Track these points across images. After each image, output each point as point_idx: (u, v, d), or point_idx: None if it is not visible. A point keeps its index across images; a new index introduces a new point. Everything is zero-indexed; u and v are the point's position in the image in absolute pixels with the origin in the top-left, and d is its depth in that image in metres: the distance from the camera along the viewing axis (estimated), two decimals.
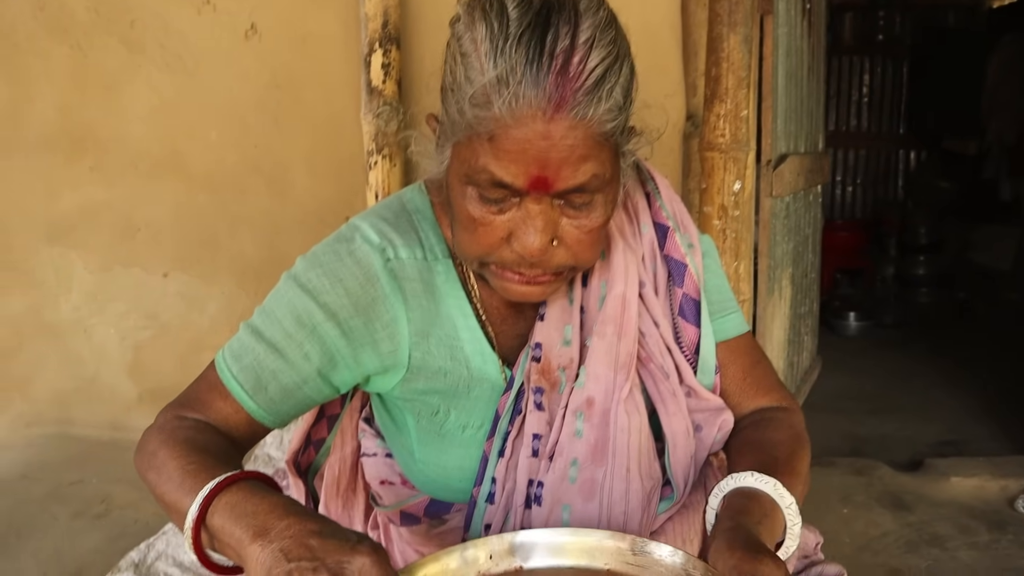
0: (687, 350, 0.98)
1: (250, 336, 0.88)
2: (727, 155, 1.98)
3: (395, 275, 0.89)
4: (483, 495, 0.93)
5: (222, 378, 0.88)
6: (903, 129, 6.34)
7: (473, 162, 0.78)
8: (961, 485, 2.44)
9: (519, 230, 0.80)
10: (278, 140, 2.27)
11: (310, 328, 0.86)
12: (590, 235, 0.83)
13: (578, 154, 0.76)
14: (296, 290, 0.88)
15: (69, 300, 2.47)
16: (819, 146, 3.23)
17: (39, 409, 2.62)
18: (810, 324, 3.28)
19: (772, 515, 0.80)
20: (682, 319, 0.98)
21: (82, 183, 2.37)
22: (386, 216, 0.94)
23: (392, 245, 0.90)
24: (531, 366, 0.93)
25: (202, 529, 0.73)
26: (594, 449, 0.91)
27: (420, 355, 0.91)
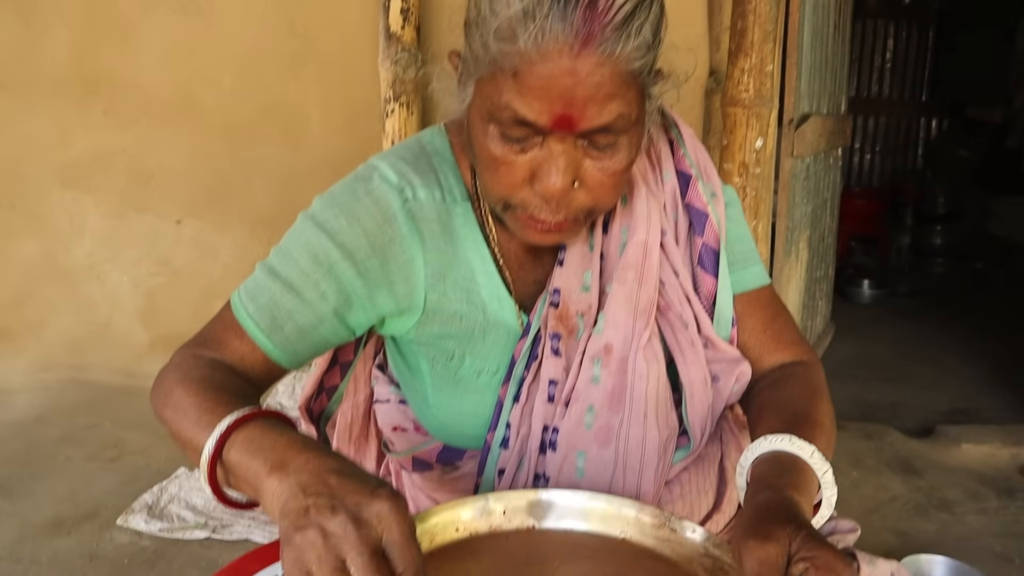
0: (705, 300, 0.96)
1: (266, 275, 0.87)
2: (750, 111, 1.94)
3: (413, 215, 0.87)
4: (497, 440, 0.93)
5: (238, 317, 0.86)
6: (925, 96, 6.22)
7: (496, 99, 0.76)
8: (972, 452, 2.43)
9: (541, 170, 0.78)
10: (293, 87, 2.24)
11: (327, 267, 0.85)
12: (612, 178, 0.81)
13: (604, 92, 0.74)
14: (313, 229, 0.86)
15: (82, 245, 2.47)
16: (842, 108, 3.17)
17: (53, 354, 2.64)
18: (825, 289, 3.25)
19: (808, 483, 0.75)
20: (701, 269, 0.96)
21: (95, 127, 2.35)
22: (405, 156, 0.92)
23: (411, 185, 0.88)
24: (549, 311, 0.91)
25: (218, 465, 0.72)
26: (611, 396, 0.90)
27: (436, 297, 0.90)
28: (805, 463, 0.76)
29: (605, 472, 0.90)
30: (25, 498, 2.11)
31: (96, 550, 1.89)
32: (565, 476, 0.90)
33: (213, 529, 1.92)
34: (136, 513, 1.98)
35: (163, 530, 1.92)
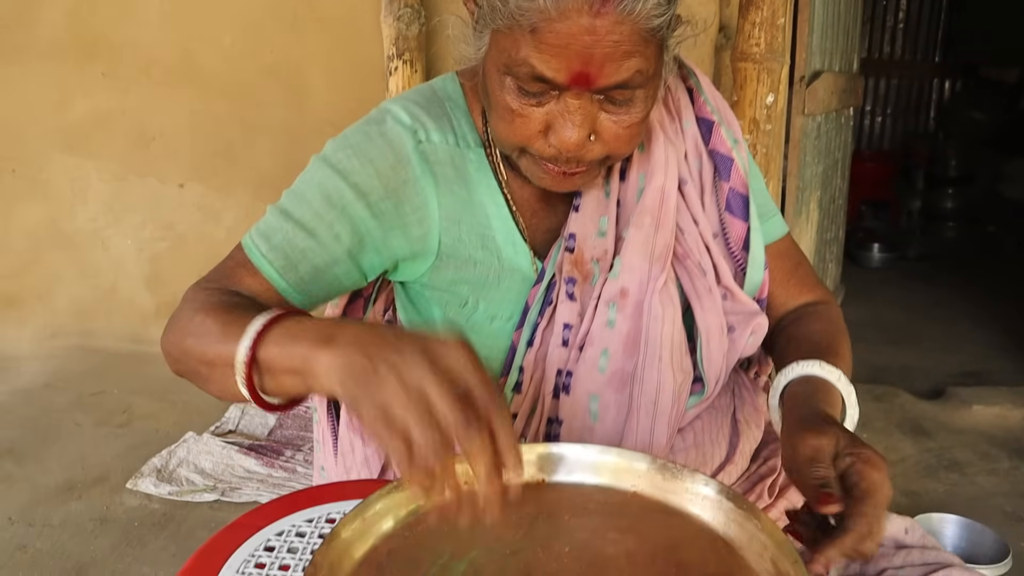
0: (734, 246, 0.96)
1: (279, 217, 0.86)
2: (761, 66, 1.90)
3: (426, 158, 0.87)
4: (510, 385, 0.93)
5: (251, 258, 0.85)
6: (939, 57, 6.10)
7: (513, 53, 0.75)
8: (983, 413, 2.42)
9: (557, 123, 0.78)
10: (295, 46, 2.20)
11: (340, 208, 0.84)
12: (628, 130, 0.81)
13: (623, 50, 0.74)
14: (326, 170, 0.86)
15: (85, 210, 2.45)
16: (854, 67, 3.10)
17: (60, 321, 2.64)
18: (835, 252, 3.21)
19: (835, 402, 0.83)
20: (729, 214, 0.96)
21: (95, 90, 2.32)
22: (418, 100, 0.91)
23: (424, 128, 0.88)
24: (564, 256, 0.91)
25: (253, 371, 0.68)
26: (626, 340, 0.90)
27: (450, 242, 0.89)
28: (833, 385, 0.83)
29: (619, 416, 0.90)
30: (36, 463, 2.13)
31: (106, 513, 1.90)
32: (579, 420, 0.90)
33: (222, 492, 1.92)
34: (145, 477, 1.99)
35: (172, 493, 1.93)
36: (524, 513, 0.73)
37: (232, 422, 2.26)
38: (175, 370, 0.81)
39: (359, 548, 0.68)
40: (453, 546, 0.69)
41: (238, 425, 2.25)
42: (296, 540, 0.79)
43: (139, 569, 1.70)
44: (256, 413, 2.30)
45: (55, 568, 1.71)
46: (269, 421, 2.24)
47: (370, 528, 0.69)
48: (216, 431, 2.21)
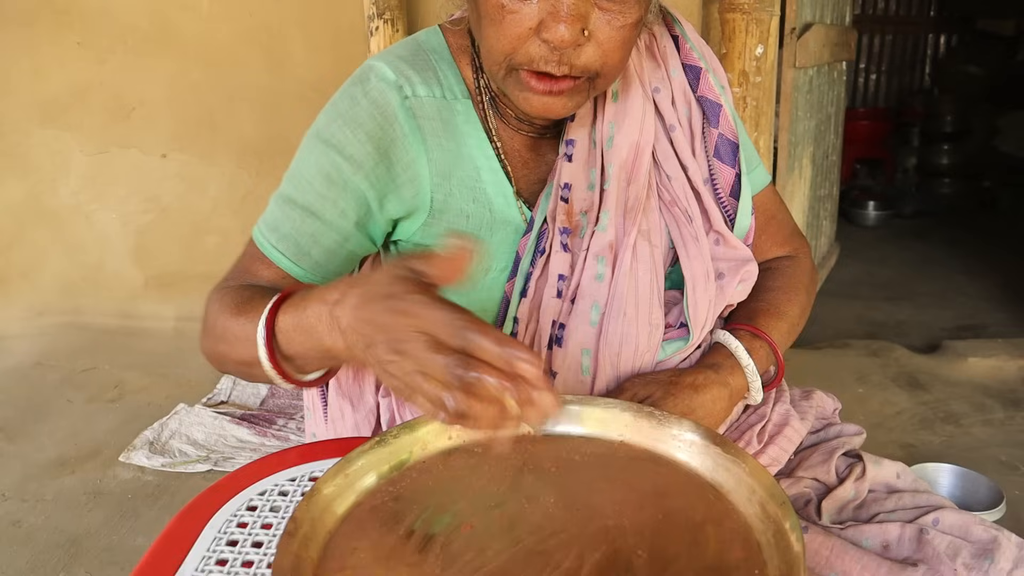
0: (722, 192, 0.95)
1: (284, 204, 0.87)
2: (749, 16, 1.85)
3: (413, 113, 0.86)
4: None
5: (263, 251, 0.87)
6: (934, 11, 6.01)
7: None
8: (978, 365, 2.41)
9: (549, 17, 0.76)
10: (274, 9, 2.14)
11: (341, 184, 0.85)
12: (622, 32, 0.79)
13: None
14: (321, 147, 0.85)
15: (67, 185, 2.41)
16: (846, 19, 3.05)
17: (48, 298, 2.61)
18: (829, 208, 3.19)
19: (731, 367, 0.90)
20: (717, 160, 0.95)
21: (70, 60, 2.26)
22: (402, 55, 0.90)
23: (409, 82, 0.86)
24: (559, 206, 0.91)
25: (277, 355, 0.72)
26: (612, 293, 0.90)
27: (442, 197, 0.88)
28: (731, 352, 0.91)
29: (606, 368, 0.89)
30: (28, 440, 2.11)
31: (100, 486, 1.89)
32: (571, 373, 0.90)
33: (215, 462, 1.91)
34: (138, 449, 1.98)
35: (165, 465, 1.92)
36: (509, 465, 0.71)
37: (224, 393, 2.25)
38: (223, 372, 0.87)
39: (341, 504, 0.66)
40: (436, 499, 0.67)
41: (230, 396, 2.24)
42: (279, 499, 0.78)
43: (133, 540, 1.70)
44: (247, 384, 2.29)
45: (49, 542, 1.71)
46: (261, 391, 2.23)
47: (352, 484, 0.68)
48: (208, 402, 2.20)
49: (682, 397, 0.84)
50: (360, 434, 1.10)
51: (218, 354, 0.81)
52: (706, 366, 0.90)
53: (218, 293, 0.85)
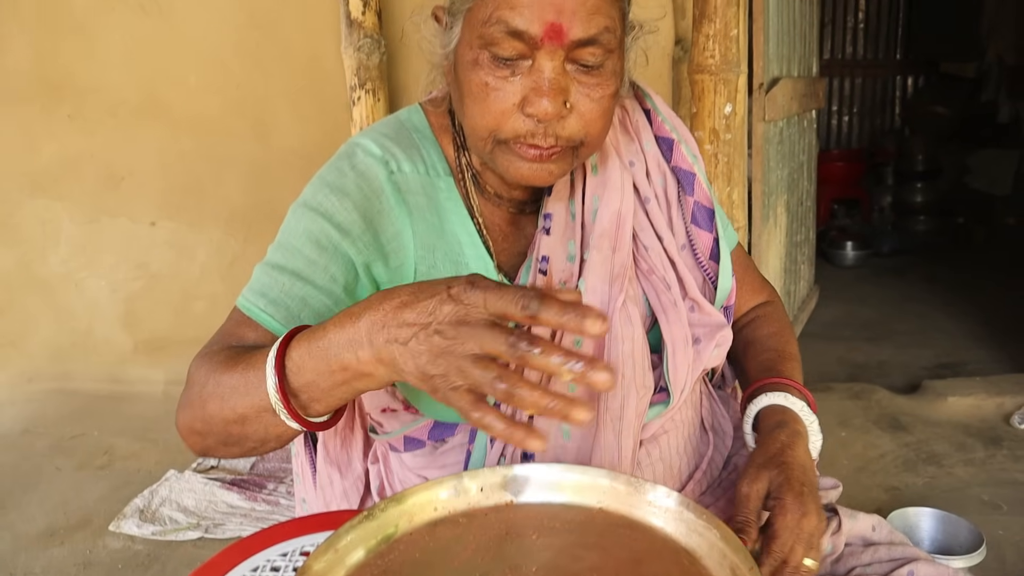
0: (702, 256, 1.00)
1: (272, 271, 0.86)
2: (717, 77, 1.93)
3: (399, 188, 0.89)
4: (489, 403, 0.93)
5: (252, 316, 0.85)
6: (900, 54, 6.21)
7: (486, 18, 0.79)
8: (958, 405, 2.45)
9: (532, 93, 0.80)
10: (259, 81, 2.21)
11: (331, 250, 0.86)
12: (601, 104, 0.83)
13: (591, 4, 0.78)
14: (309, 215, 0.87)
15: (57, 253, 2.44)
16: (813, 70, 3.16)
17: (37, 365, 2.62)
18: (807, 253, 3.26)
19: (799, 431, 0.92)
20: (695, 227, 1.00)
21: (61, 132, 2.32)
22: (386, 132, 0.94)
23: (395, 158, 0.90)
24: (537, 279, 0.93)
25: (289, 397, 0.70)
26: (608, 357, 0.92)
27: (426, 269, 0.91)
28: (797, 415, 0.93)
29: (588, 433, 0.92)
30: (16, 510, 2.11)
31: (90, 557, 1.89)
32: (552, 438, 0.92)
33: (205, 529, 1.91)
34: (128, 518, 1.98)
35: (156, 533, 1.92)
36: (492, 535, 0.74)
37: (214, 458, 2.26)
38: (200, 448, 0.80)
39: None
40: (424, 572, 0.70)
41: (220, 461, 2.24)
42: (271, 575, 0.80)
43: None
44: None
45: None
46: None
47: (342, 559, 0.70)
48: (198, 468, 2.20)
49: (795, 468, 0.84)
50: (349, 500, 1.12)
51: (205, 417, 0.77)
52: (775, 427, 0.91)
53: (203, 357, 0.82)
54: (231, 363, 0.76)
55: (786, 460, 0.85)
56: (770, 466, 0.84)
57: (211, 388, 0.76)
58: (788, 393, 0.94)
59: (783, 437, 0.88)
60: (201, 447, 0.80)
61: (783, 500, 0.81)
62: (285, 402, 0.70)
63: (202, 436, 0.78)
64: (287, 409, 0.70)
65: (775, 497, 0.82)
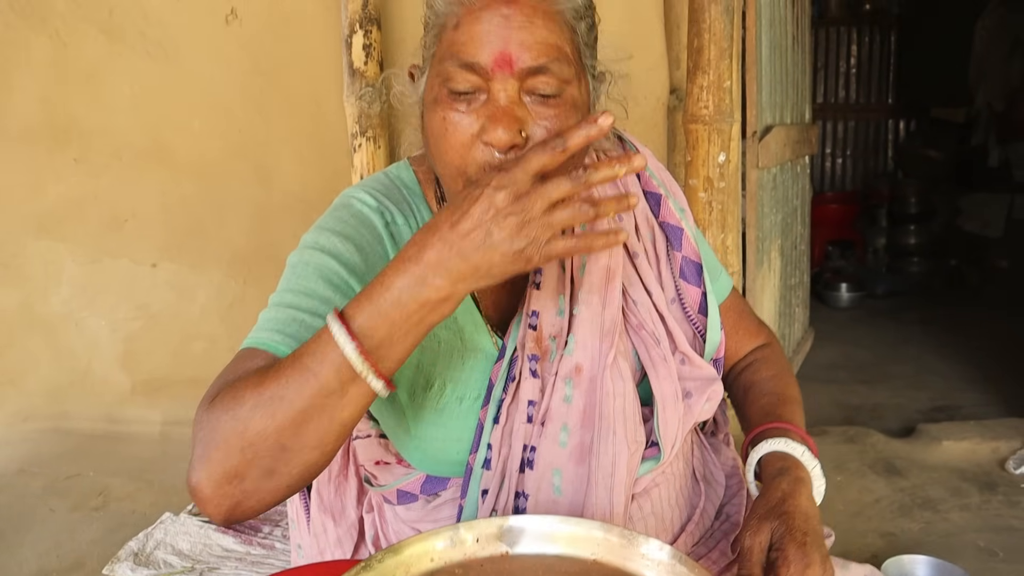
0: (691, 311, 1.02)
1: (287, 309, 0.84)
2: (711, 127, 1.98)
3: (394, 238, 0.92)
4: (479, 462, 0.94)
5: (266, 348, 0.80)
6: (892, 99, 6.32)
7: (443, 55, 0.84)
8: (953, 449, 2.46)
9: (488, 121, 0.82)
10: (262, 126, 2.26)
11: (344, 289, 0.86)
12: None
13: (539, 33, 0.82)
14: (317, 255, 0.88)
15: (59, 293, 2.47)
16: (806, 117, 3.23)
17: (34, 403, 2.62)
18: (801, 296, 3.29)
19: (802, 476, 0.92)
20: (684, 281, 1.02)
21: (67, 175, 2.36)
22: (377, 187, 0.96)
23: (389, 211, 0.93)
24: (527, 333, 0.94)
25: None
26: (583, 415, 0.93)
27: None
28: (799, 461, 0.93)
29: (580, 488, 0.92)
30: (8, 552, 2.09)
31: None
32: (543, 494, 0.92)
33: (200, 573, 1.90)
34: (122, 561, 1.96)
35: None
36: None
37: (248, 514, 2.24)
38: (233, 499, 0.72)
39: None
40: None
41: None
42: None
43: None
44: None
45: None
46: None
47: None
48: (193, 510, 2.19)
49: (797, 517, 0.85)
50: (343, 548, 1.12)
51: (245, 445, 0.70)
52: (776, 474, 0.91)
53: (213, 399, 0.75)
54: (262, 378, 0.72)
55: (787, 510, 0.85)
56: (772, 517, 0.85)
57: (247, 411, 0.71)
58: (788, 438, 0.95)
59: (785, 485, 0.89)
60: (234, 498, 0.72)
61: (785, 552, 0.81)
62: (372, 363, 0.70)
63: (240, 478, 0.71)
64: (375, 368, 0.71)
65: (777, 548, 0.82)
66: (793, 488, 0.88)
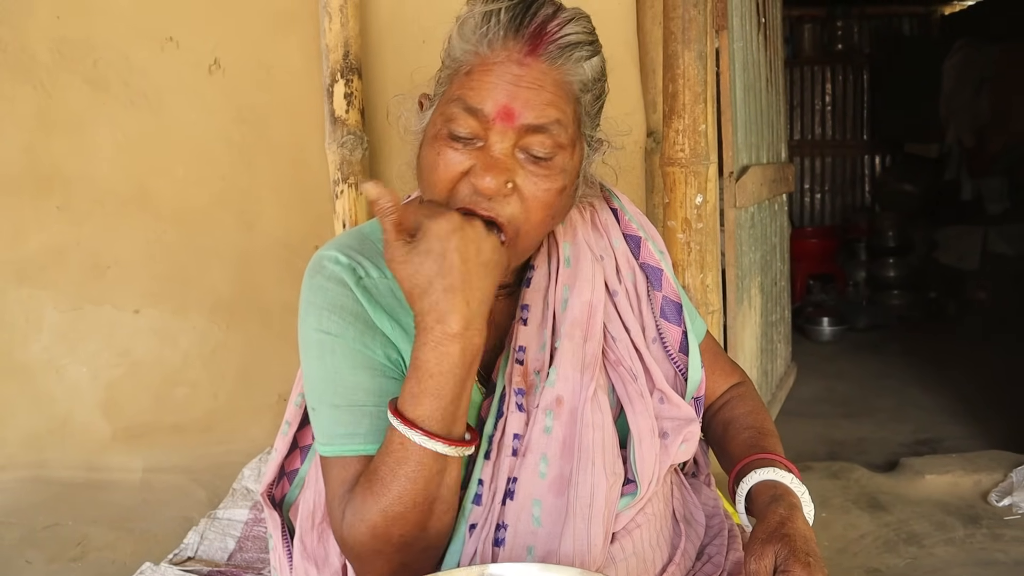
0: (671, 349, 1.04)
1: (349, 411, 0.92)
2: (688, 169, 2.02)
3: (368, 292, 0.94)
4: (469, 497, 0.95)
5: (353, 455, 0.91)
6: (867, 135, 6.47)
7: (450, 95, 0.87)
8: (936, 482, 2.47)
9: (478, 165, 0.86)
10: (245, 173, 2.28)
11: (370, 366, 0.92)
12: (546, 195, 0.89)
13: (545, 96, 0.85)
14: (329, 342, 0.93)
15: (39, 340, 2.45)
16: (782, 156, 3.30)
17: (11, 452, 2.59)
18: (782, 331, 3.32)
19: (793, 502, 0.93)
20: (664, 320, 1.05)
21: (49, 223, 2.36)
22: (350, 244, 0.99)
23: (361, 266, 0.96)
24: (514, 368, 0.97)
25: None
26: (562, 446, 0.94)
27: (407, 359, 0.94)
28: (789, 488, 0.95)
29: (558, 520, 0.93)
30: None
31: None
32: (523, 525, 0.93)
33: None
34: None
35: None
36: None
37: (191, 548, 2.21)
38: None
39: None
40: None
41: (197, 551, 2.20)
42: None
43: None
44: (215, 537, 2.26)
45: None
46: (228, 545, 2.20)
47: None
48: (174, 559, 2.16)
49: (798, 539, 0.87)
50: None
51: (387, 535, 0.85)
52: (770, 501, 0.93)
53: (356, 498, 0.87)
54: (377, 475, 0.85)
55: (788, 532, 0.87)
56: (773, 540, 0.86)
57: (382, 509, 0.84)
58: (775, 467, 0.97)
59: (781, 511, 0.90)
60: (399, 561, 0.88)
61: (792, 573, 0.83)
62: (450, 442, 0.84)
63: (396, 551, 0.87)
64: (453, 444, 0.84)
65: (783, 571, 0.83)
66: (790, 513, 0.91)
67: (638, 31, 2.29)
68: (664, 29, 2.01)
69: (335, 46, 1.96)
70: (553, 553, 0.90)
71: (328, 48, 1.98)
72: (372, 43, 2.12)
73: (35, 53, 2.29)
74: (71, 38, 2.28)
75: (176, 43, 2.25)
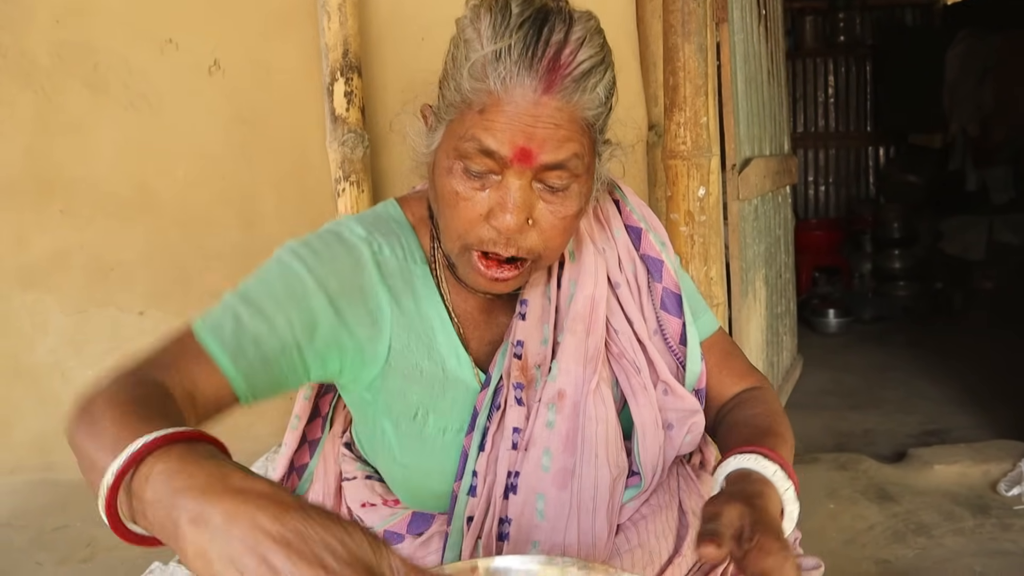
0: (672, 340, 1.04)
1: (237, 302, 0.87)
2: (689, 162, 2.01)
3: (381, 268, 0.94)
4: (464, 489, 0.96)
5: (201, 340, 0.82)
6: (870, 127, 6.44)
7: (463, 133, 0.84)
8: (944, 472, 2.46)
9: (498, 206, 0.85)
10: (246, 173, 2.28)
11: (300, 296, 0.87)
12: (563, 222, 0.88)
13: (561, 134, 0.83)
14: (290, 260, 0.90)
15: (45, 343, 2.46)
16: (785, 148, 3.28)
17: (19, 455, 2.60)
18: (788, 324, 3.31)
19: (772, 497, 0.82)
20: (664, 312, 1.04)
21: (52, 227, 2.36)
22: (367, 219, 0.99)
23: (377, 242, 0.95)
24: (512, 363, 0.97)
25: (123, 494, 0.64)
26: (565, 439, 0.95)
27: (400, 348, 0.94)
28: (769, 480, 0.83)
29: (562, 513, 0.94)
30: None
31: None
32: (526, 519, 0.93)
33: None
34: None
35: None
36: None
37: None
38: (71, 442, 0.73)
39: None
40: None
41: None
42: None
43: None
44: None
45: None
46: None
47: None
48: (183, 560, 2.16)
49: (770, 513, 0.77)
50: None
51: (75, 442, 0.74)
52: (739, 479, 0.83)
53: (125, 379, 0.77)
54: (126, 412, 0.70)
55: (759, 504, 0.77)
56: (740, 500, 0.76)
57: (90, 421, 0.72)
58: (760, 456, 0.85)
59: (751, 488, 0.81)
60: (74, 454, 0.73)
61: (763, 539, 0.72)
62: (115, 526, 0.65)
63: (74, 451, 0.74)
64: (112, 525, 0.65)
65: (752, 538, 0.72)
66: (763, 490, 0.81)
67: (638, 24, 2.28)
68: (664, 22, 2.00)
69: (334, 45, 1.96)
70: (558, 546, 0.91)
71: (327, 47, 1.98)
72: (371, 41, 2.12)
73: (35, 57, 2.30)
74: (71, 41, 2.28)
75: (175, 45, 2.25)
